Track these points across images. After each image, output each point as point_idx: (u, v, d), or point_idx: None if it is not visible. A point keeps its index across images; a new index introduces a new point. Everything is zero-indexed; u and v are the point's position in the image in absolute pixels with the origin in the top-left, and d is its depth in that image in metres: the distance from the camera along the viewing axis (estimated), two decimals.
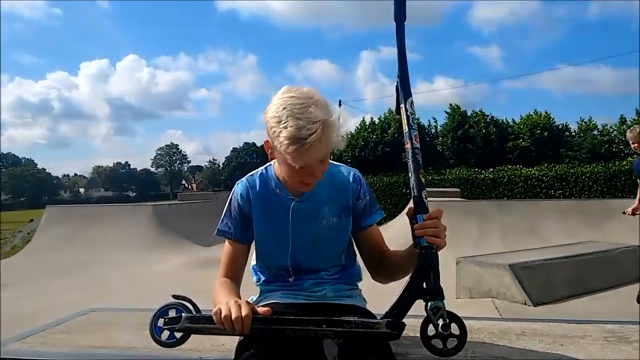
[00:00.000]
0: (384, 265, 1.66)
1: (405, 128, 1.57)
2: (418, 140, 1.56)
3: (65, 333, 2.00)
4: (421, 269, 1.40)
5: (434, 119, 26.09)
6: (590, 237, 7.98)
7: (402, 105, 1.59)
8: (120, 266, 8.82)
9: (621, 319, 2.02)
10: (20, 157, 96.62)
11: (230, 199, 1.70)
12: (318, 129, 1.36)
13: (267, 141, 1.49)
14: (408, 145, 1.55)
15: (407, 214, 1.45)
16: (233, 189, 1.71)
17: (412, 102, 1.60)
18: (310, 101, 1.40)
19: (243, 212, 1.67)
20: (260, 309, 1.37)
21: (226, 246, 1.69)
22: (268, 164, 1.69)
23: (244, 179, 1.72)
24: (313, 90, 1.47)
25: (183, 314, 1.39)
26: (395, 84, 1.63)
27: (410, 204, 1.48)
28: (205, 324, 1.38)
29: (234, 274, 1.65)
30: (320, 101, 1.42)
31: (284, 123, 1.37)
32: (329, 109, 1.43)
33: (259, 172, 1.71)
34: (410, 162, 1.52)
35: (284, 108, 1.39)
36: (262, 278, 1.74)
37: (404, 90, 1.61)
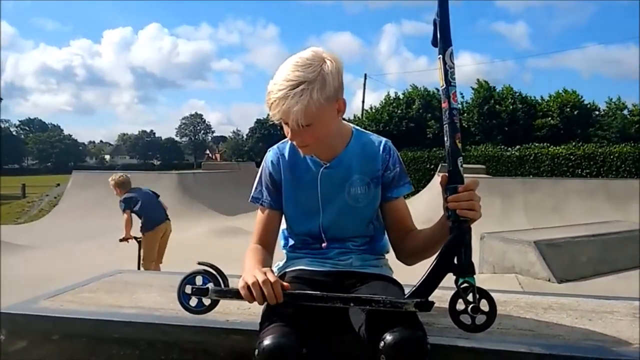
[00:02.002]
0: (409, 243, 1.62)
1: (443, 84, 1.41)
2: (457, 99, 1.42)
3: (93, 292, 2.04)
4: (453, 243, 1.35)
5: (461, 94, 25.55)
6: (615, 217, 7.85)
7: (440, 57, 1.41)
8: None
9: None
10: (47, 123, 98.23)
11: (262, 166, 1.72)
12: (286, 89, 1.39)
13: None
14: (445, 105, 1.40)
15: (441, 182, 1.40)
16: (265, 157, 1.72)
17: (451, 54, 1.42)
18: (304, 62, 1.43)
19: (274, 179, 1.68)
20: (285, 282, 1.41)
21: (259, 213, 1.71)
22: None
23: (275, 146, 1.72)
24: (326, 55, 1.47)
25: (210, 287, 1.40)
26: (433, 23, 1.44)
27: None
28: (232, 297, 1.41)
29: (265, 240, 1.67)
30: (315, 66, 1.43)
31: (270, 83, 1.45)
32: (320, 77, 1.42)
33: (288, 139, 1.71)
34: (447, 125, 1.40)
35: (277, 69, 1.46)
36: (290, 243, 1.75)
37: (443, 38, 1.42)
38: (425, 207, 8.82)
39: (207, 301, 1.46)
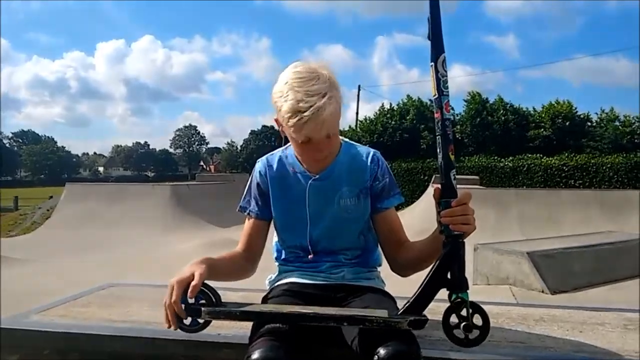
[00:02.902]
0: (403, 255, 1.62)
1: (435, 93, 1.36)
2: (450, 109, 1.37)
3: (85, 306, 2.03)
4: (447, 258, 1.33)
5: (452, 107, 25.72)
6: (609, 228, 7.87)
7: (432, 65, 1.36)
8: (138, 245, 8.92)
9: None
10: (40, 134, 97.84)
11: (251, 176, 1.73)
12: (316, 102, 1.37)
13: (277, 119, 1.51)
14: (437, 115, 1.35)
15: (434, 196, 1.37)
16: (254, 167, 1.74)
17: (444, 61, 1.36)
18: (312, 75, 1.42)
19: (262, 190, 1.69)
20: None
21: (246, 222, 1.72)
22: (289, 143, 1.69)
23: (264, 157, 1.74)
24: (319, 64, 1.47)
25: (203, 309, 1.38)
26: (428, 20, 1.37)
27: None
28: (225, 318, 1.41)
29: (248, 249, 1.69)
30: (323, 75, 1.43)
31: (285, 97, 1.41)
32: (331, 83, 1.43)
33: (279, 151, 1.73)
34: (439, 137, 1.35)
35: (286, 83, 1.42)
36: (282, 256, 1.75)
37: (435, 45, 1.36)
38: (419, 218, 8.83)
39: (200, 320, 1.45)
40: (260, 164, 1.72)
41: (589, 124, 25.18)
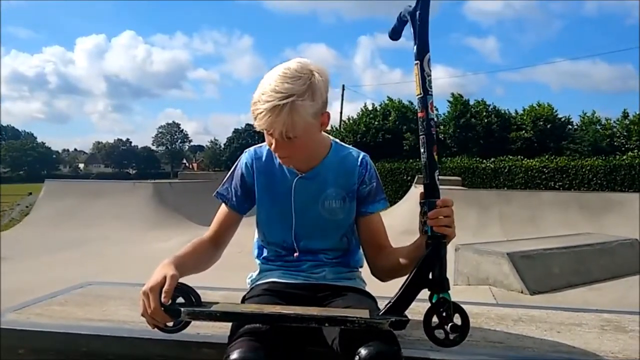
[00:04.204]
0: (383, 261, 1.60)
1: (420, 92, 1.33)
2: (434, 109, 1.36)
3: (62, 305, 2.00)
4: (429, 259, 1.34)
5: (436, 107, 25.90)
6: (588, 230, 7.98)
7: (417, 63, 1.34)
8: (119, 243, 8.82)
9: (618, 309, 2.02)
10: (20, 130, 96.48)
11: (235, 166, 1.71)
12: (274, 99, 1.36)
13: None
14: (422, 114, 1.34)
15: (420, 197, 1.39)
16: (240, 157, 1.72)
17: (429, 60, 1.33)
18: (295, 74, 1.40)
19: (244, 182, 1.67)
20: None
21: (221, 209, 1.70)
22: None
23: (252, 148, 1.72)
24: (317, 68, 1.45)
25: (182, 310, 1.35)
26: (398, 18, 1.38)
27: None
28: (204, 319, 1.39)
29: (218, 236, 1.67)
30: (306, 78, 1.41)
31: (261, 84, 1.41)
32: (310, 88, 1.40)
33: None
34: (423, 136, 1.34)
35: (262, 79, 1.43)
36: (263, 254, 1.74)
37: (421, 44, 1.34)
38: (402, 218, 8.85)
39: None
40: (247, 155, 1.70)
41: (570, 126, 25.53)
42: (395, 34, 1.42)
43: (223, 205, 1.70)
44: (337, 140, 1.72)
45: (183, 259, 1.49)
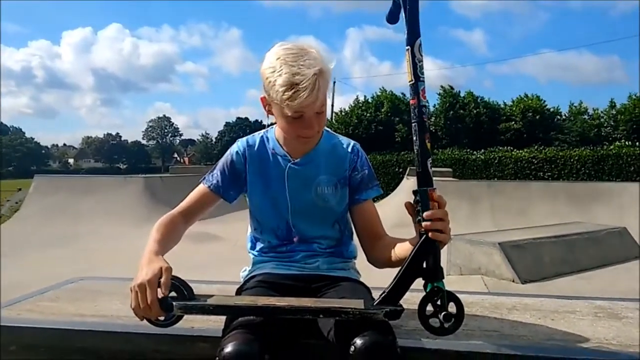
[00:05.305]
0: (380, 254, 1.59)
1: (411, 79, 1.30)
2: (426, 96, 1.32)
3: (53, 301, 1.98)
4: (422, 249, 1.33)
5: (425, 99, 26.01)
6: (577, 219, 8.05)
7: (408, 49, 1.30)
8: (110, 239, 8.77)
9: (611, 296, 2.03)
10: (8, 125, 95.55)
11: (225, 155, 1.70)
12: (311, 75, 1.36)
13: (264, 97, 1.51)
14: (414, 102, 1.31)
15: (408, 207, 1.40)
16: (231, 147, 1.71)
17: (420, 45, 1.30)
18: (303, 51, 1.42)
19: (235, 169, 1.66)
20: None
21: (201, 188, 1.68)
22: (270, 127, 1.68)
23: (244, 138, 1.72)
24: (306, 44, 1.47)
25: (175, 304, 1.33)
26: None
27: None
28: (197, 313, 1.38)
29: (187, 212, 1.66)
30: (314, 51, 1.44)
31: (279, 71, 1.39)
32: (322, 59, 1.43)
33: (260, 134, 1.71)
34: (415, 124, 1.32)
35: (278, 58, 1.41)
36: (257, 247, 1.73)
37: (411, 28, 1.31)
38: (394, 210, 8.84)
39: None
40: (239, 144, 1.70)
41: (558, 117, 25.69)
42: (392, 18, 1.40)
43: (202, 185, 1.68)
44: (329, 129, 1.72)
45: (164, 247, 1.48)
